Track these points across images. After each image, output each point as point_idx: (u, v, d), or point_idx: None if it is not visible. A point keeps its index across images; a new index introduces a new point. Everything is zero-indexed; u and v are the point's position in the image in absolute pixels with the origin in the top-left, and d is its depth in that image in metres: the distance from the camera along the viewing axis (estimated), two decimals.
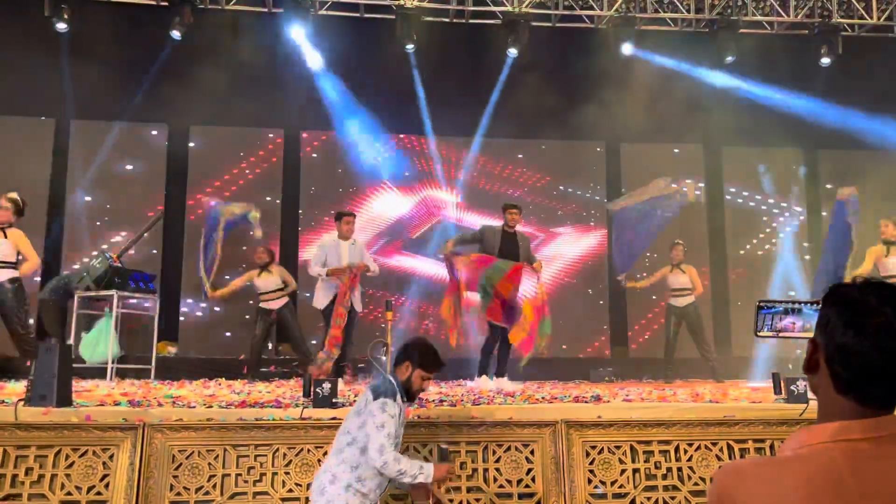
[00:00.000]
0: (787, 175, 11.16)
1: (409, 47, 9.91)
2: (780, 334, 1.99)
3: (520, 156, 11.05)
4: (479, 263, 6.72)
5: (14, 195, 6.66)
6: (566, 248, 10.88)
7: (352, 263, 6.84)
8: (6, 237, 6.54)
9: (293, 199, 10.47)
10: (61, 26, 9.38)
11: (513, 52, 10.07)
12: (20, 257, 6.67)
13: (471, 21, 10.45)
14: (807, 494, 1.03)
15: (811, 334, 1.17)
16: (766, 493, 1.05)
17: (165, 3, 9.64)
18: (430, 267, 10.32)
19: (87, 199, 9.94)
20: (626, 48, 10.13)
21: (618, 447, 4.14)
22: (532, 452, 4.07)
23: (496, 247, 6.91)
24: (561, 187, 11.00)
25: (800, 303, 2.02)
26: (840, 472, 1.04)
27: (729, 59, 10.20)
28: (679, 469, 4.15)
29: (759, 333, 2.04)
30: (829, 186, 10.90)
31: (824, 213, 10.88)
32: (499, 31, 10.18)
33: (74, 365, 5.05)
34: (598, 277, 10.82)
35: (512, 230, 7.06)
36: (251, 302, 8.92)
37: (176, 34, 9.55)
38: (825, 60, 10.22)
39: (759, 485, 1.06)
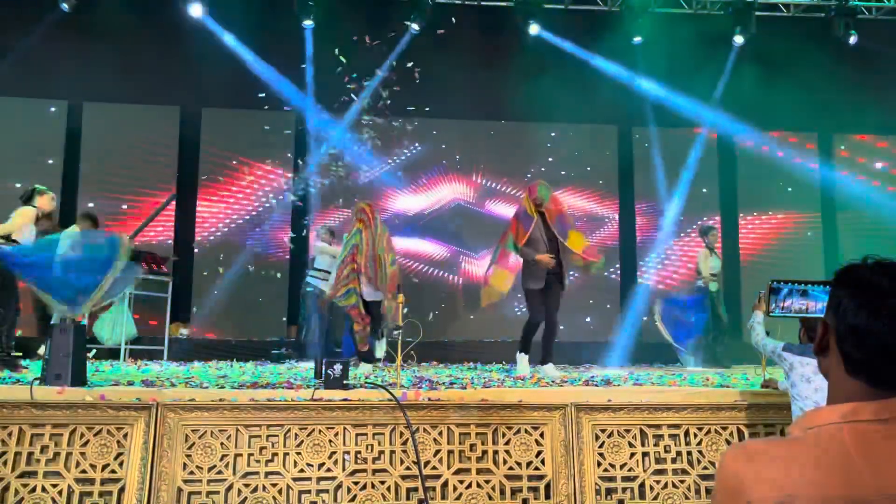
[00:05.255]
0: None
1: (415, 28, 9.89)
2: (794, 314, 1.97)
3: (530, 139, 11.00)
4: None
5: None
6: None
7: None
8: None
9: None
10: (65, 6, 9.40)
11: (534, 30, 10.00)
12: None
13: (482, 3, 10.40)
14: (816, 475, 1.03)
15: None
16: (775, 474, 1.04)
17: None
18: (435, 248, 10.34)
19: (100, 181, 9.99)
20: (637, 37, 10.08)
21: (627, 430, 4.15)
22: (542, 435, 4.08)
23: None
24: (573, 171, 10.96)
25: (813, 283, 2.00)
26: (849, 453, 1.03)
27: (741, 40, 10.09)
28: (689, 453, 4.15)
29: (771, 314, 2.02)
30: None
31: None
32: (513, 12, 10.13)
33: (88, 345, 5.09)
34: (610, 261, 10.78)
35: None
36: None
37: (196, 13, 9.55)
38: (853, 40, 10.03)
39: (767, 465, 1.05)
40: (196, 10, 9.57)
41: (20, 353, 5.88)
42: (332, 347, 8.05)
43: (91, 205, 9.51)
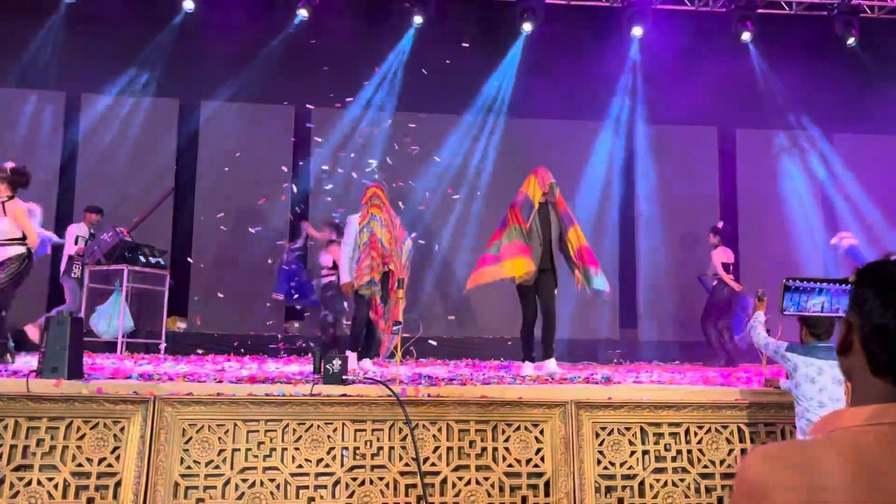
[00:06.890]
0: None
1: (418, 21, 9.84)
2: (808, 313, 1.95)
3: (529, 137, 10.94)
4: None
5: (10, 165, 5.88)
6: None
7: None
8: (5, 213, 5.76)
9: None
10: None
11: (527, 27, 9.94)
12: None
13: None
14: (840, 480, 0.99)
15: (839, 314, 1.13)
16: (797, 479, 1.01)
17: None
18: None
19: (99, 173, 9.92)
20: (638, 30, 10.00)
21: (628, 428, 4.13)
22: (542, 432, 4.06)
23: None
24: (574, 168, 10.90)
25: (828, 281, 1.96)
26: (875, 457, 1.00)
27: (746, 38, 10.05)
28: (689, 451, 4.14)
29: (784, 312, 2.00)
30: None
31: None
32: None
33: (85, 339, 5.05)
34: (609, 257, 10.74)
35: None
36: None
37: (189, 6, 9.49)
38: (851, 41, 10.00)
39: (789, 470, 1.02)
40: (188, 4, 9.50)
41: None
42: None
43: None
